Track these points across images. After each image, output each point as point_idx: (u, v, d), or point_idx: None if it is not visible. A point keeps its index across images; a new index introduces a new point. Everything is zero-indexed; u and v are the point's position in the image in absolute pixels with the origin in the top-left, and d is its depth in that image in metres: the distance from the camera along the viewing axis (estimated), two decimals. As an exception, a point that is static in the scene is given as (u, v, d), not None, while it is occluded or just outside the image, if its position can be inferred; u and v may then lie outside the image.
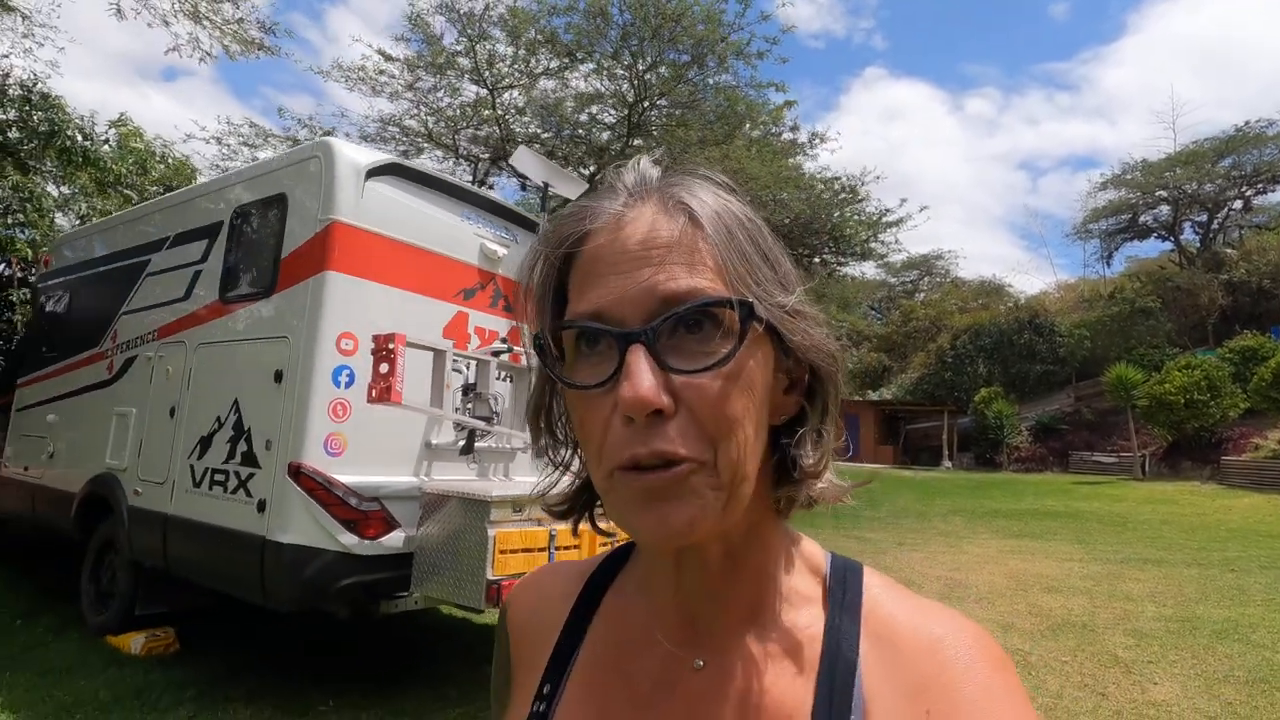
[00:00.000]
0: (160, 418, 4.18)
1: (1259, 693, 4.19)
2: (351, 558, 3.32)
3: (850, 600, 0.50)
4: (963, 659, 0.46)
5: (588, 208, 0.49)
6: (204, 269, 4.17)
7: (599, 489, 0.46)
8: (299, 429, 3.32)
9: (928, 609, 0.50)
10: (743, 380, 0.44)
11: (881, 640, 0.48)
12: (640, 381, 0.41)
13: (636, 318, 0.43)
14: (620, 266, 0.45)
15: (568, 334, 0.46)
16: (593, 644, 0.55)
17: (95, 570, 4.56)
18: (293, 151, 4.04)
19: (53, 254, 6.02)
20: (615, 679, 0.53)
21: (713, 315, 0.43)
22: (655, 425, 0.42)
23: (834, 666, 0.47)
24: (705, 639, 0.50)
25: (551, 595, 0.59)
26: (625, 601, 0.56)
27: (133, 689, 3.59)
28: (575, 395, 0.46)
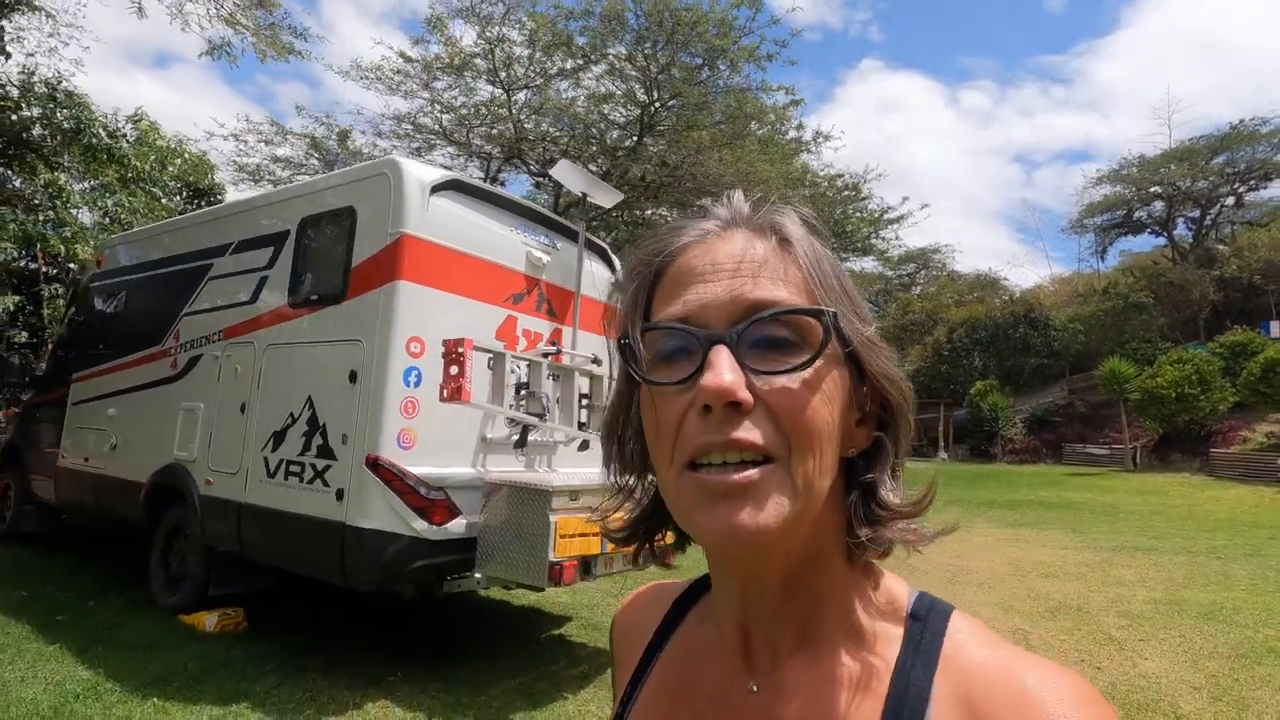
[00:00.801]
0: (230, 413, 4.49)
1: (1240, 667, 4.58)
2: (423, 542, 3.66)
3: (928, 643, 0.47)
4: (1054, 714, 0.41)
5: (682, 225, 0.51)
6: (270, 275, 4.47)
7: (667, 491, 0.47)
8: (375, 425, 3.65)
9: (1019, 659, 0.45)
10: (822, 391, 0.44)
11: (959, 690, 0.44)
12: (721, 371, 0.42)
13: (722, 322, 0.44)
14: (709, 276, 0.46)
15: (650, 340, 0.47)
16: (666, 659, 0.58)
17: (164, 555, 4.88)
18: (361, 168, 4.34)
19: (105, 254, 6.30)
20: (679, 694, 0.55)
21: (797, 326, 0.45)
22: (732, 418, 0.42)
23: (898, 712, 0.44)
24: (760, 664, 0.51)
25: (646, 612, 0.63)
26: (700, 622, 0.58)
27: (218, 662, 3.93)
28: (653, 395, 0.46)
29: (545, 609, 5.50)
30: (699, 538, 0.45)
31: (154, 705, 3.38)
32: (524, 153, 12.81)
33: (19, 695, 3.41)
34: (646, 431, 0.49)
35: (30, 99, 10.39)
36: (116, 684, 3.58)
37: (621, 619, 0.66)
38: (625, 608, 0.67)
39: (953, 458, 27.08)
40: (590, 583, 4.71)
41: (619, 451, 0.54)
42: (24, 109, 10.60)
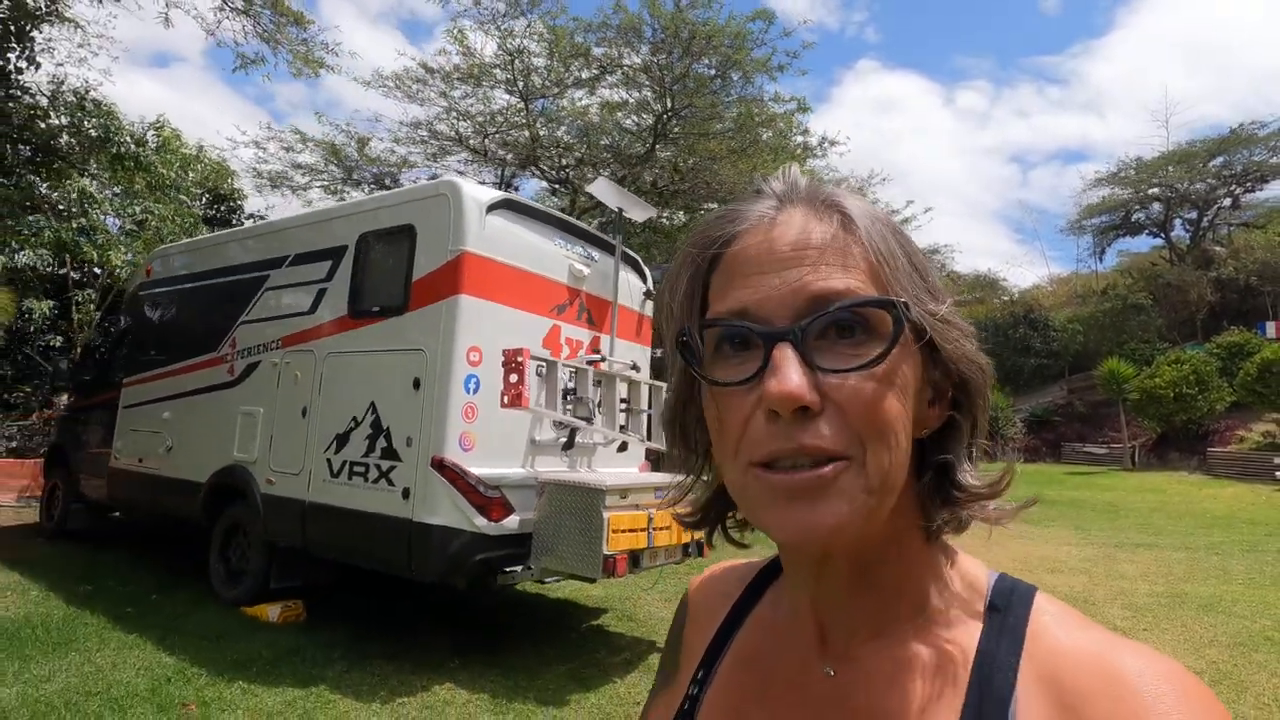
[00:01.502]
0: (291, 417, 4.77)
1: (1239, 654, 4.88)
2: (483, 536, 3.94)
3: (1013, 625, 0.46)
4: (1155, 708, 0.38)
5: (736, 210, 0.48)
6: (329, 287, 4.75)
7: (733, 487, 0.45)
8: (439, 428, 3.93)
9: (1112, 642, 0.43)
10: (896, 383, 0.43)
11: (1047, 674, 0.43)
12: (788, 375, 0.40)
13: (784, 317, 0.42)
14: (769, 266, 0.44)
15: (709, 334, 0.45)
16: (741, 641, 0.57)
17: (223, 550, 5.16)
18: (420, 188, 4.62)
19: (154, 264, 6.57)
20: (753, 676, 0.54)
21: (864, 318, 0.42)
22: (800, 422, 0.41)
23: (983, 697, 0.43)
24: (836, 648, 0.50)
25: (721, 590, 0.62)
26: (775, 605, 0.58)
27: (287, 650, 4.21)
28: (715, 394, 0.45)
29: (581, 602, 5.79)
30: (770, 534, 0.43)
31: (240, 688, 3.66)
32: (539, 159, 13.11)
33: (115, 679, 3.69)
34: (710, 427, 0.47)
35: (59, 108, 10.63)
36: (200, 669, 3.87)
37: (696, 594, 0.65)
38: (701, 584, 0.66)
39: (953, 457, 27.38)
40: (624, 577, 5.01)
41: (683, 438, 0.53)
42: (52, 117, 10.84)
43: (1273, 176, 28.88)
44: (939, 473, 0.48)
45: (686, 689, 0.57)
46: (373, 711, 3.49)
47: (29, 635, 4.23)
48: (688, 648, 0.62)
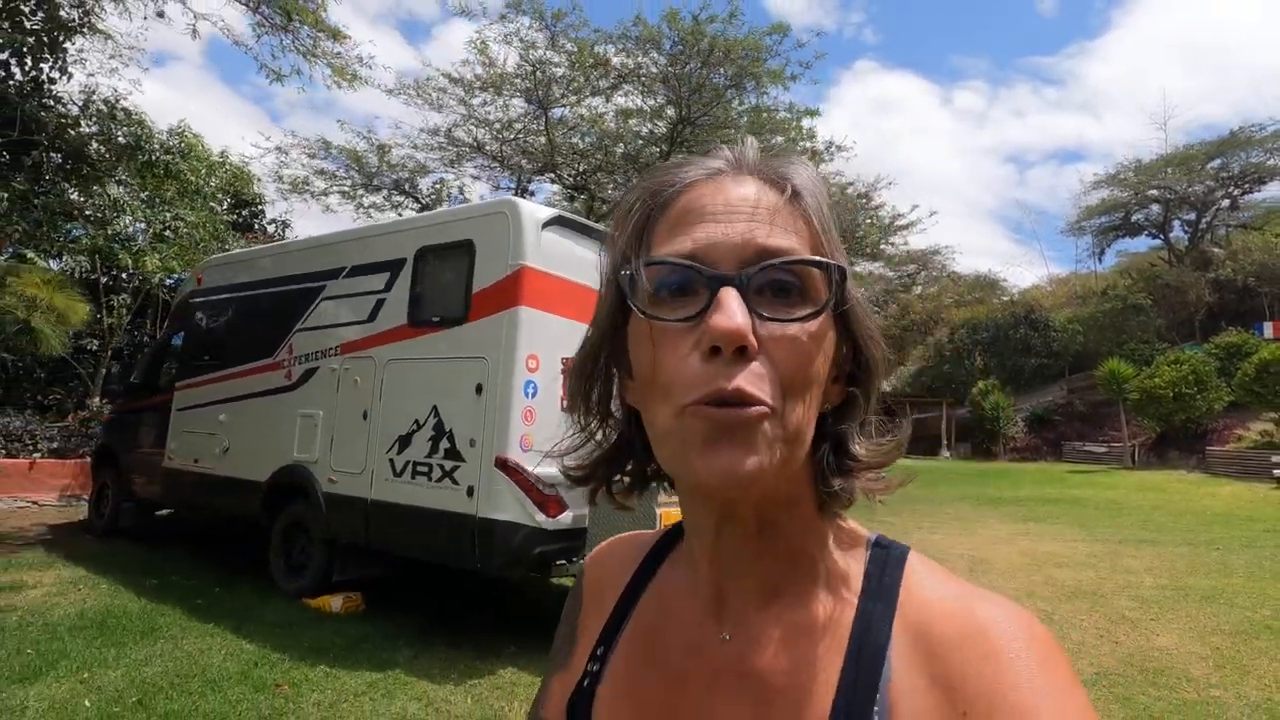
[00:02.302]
0: (352, 420, 5.06)
1: (1241, 641, 5.20)
2: (542, 531, 4.25)
3: (887, 583, 0.49)
4: (1008, 650, 0.42)
5: (691, 160, 0.50)
6: (387, 297, 5.04)
7: (659, 433, 0.46)
8: (502, 430, 4.23)
9: (971, 594, 0.47)
10: (821, 343, 0.45)
11: (916, 627, 0.46)
12: (734, 312, 0.41)
13: (731, 264, 0.44)
14: (720, 216, 0.45)
15: (651, 274, 0.45)
16: (641, 612, 0.58)
17: (284, 546, 5.45)
18: (478, 206, 4.92)
19: (205, 273, 6.86)
20: (653, 646, 0.55)
21: (801, 279, 0.45)
22: (738, 363, 0.42)
23: (860, 652, 0.46)
24: (733, 612, 0.51)
25: (617, 565, 0.62)
26: (673, 573, 0.58)
27: (356, 637, 4.52)
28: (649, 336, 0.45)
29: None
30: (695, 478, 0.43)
31: (322, 671, 3.96)
32: (558, 165, 13.41)
33: (205, 663, 3.99)
34: (638, 369, 0.48)
35: (89, 117, 10.90)
36: (281, 655, 4.16)
37: (592, 569, 0.65)
38: (596, 557, 0.66)
39: (955, 456, 27.77)
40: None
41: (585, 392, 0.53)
42: (82, 126, 11.11)
43: (1270, 178, 29.26)
44: (836, 444, 0.50)
45: (585, 667, 0.57)
46: (448, 691, 3.79)
47: (116, 625, 4.53)
48: (585, 625, 0.62)
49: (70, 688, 3.57)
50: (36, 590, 5.26)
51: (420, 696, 3.70)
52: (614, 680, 0.55)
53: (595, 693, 0.55)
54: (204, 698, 3.54)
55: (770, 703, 0.47)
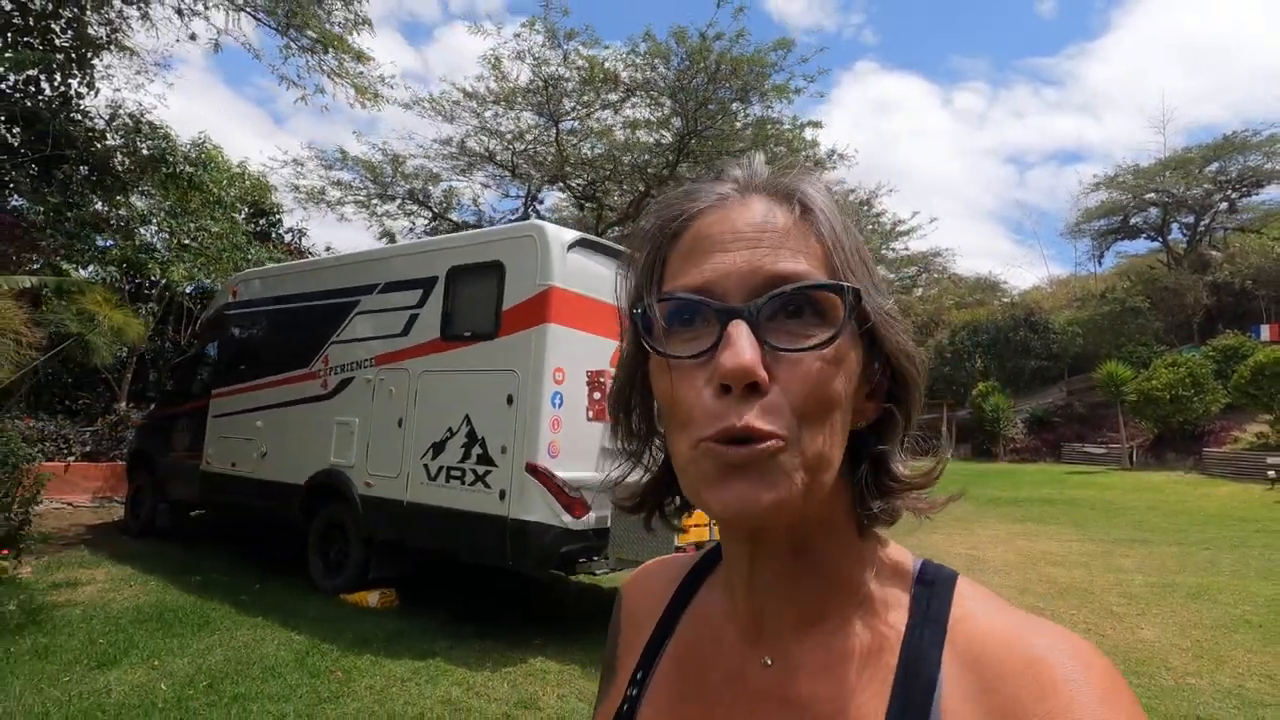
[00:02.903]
0: (387, 427, 5.41)
1: (1221, 634, 5.53)
2: (568, 531, 4.60)
3: (935, 610, 0.47)
4: (1066, 682, 0.41)
5: (697, 188, 0.50)
6: (420, 313, 5.40)
7: (680, 464, 0.46)
8: (532, 438, 4.58)
9: (1027, 623, 0.45)
10: (840, 367, 0.44)
11: (968, 656, 0.44)
12: (742, 350, 0.41)
13: (740, 294, 0.44)
14: (729, 245, 0.45)
15: (663, 309, 0.46)
16: (680, 636, 0.57)
17: (322, 545, 5.81)
18: (507, 229, 5.29)
19: (239, 286, 7.22)
20: (691, 670, 0.54)
21: (815, 301, 0.44)
22: (749, 399, 0.42)
23: (910, 681, 0.45)
24: (772, 637, 0.51)
25: (654, 589, 0.62)
26: (711, 597, 0.58)
27: (396, 630, 4.87)
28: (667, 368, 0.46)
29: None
30: (710, 511, 0.44)
31: (369, 659, 4.32)
32: (567, 175, 13.78)
33: (261, 652, 4.34)
34: (659, 401, 0.49)
35: (115, 130, 11.27)
36: (329, 645, 4.52)
37: (630, 594, 0.65)
38: (634, 581, 0.66)
39: (956, 457, 28.08)
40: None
41: (625, 420, 0.54)
42: (108, 139, 11.48)
43: (1268, 181, 29.54)
44: (874, 464, 0.49)
45: (625, 691, 0.57)
46: (486, 677, 4.14)
47: (172, 618, 4.88)
48: (625, 648, 0.61)
49: (144, 674, 3.92)
50: (91, 587, 5.61)
51: (460, 682, 4.05)
52: (653, 704, 0.55)
53: (636, 716, 0.55)
54: (265, 682, 3.89)
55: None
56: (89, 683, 3.76)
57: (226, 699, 3.65)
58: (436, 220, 15.16)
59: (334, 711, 3.59)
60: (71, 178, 10.07)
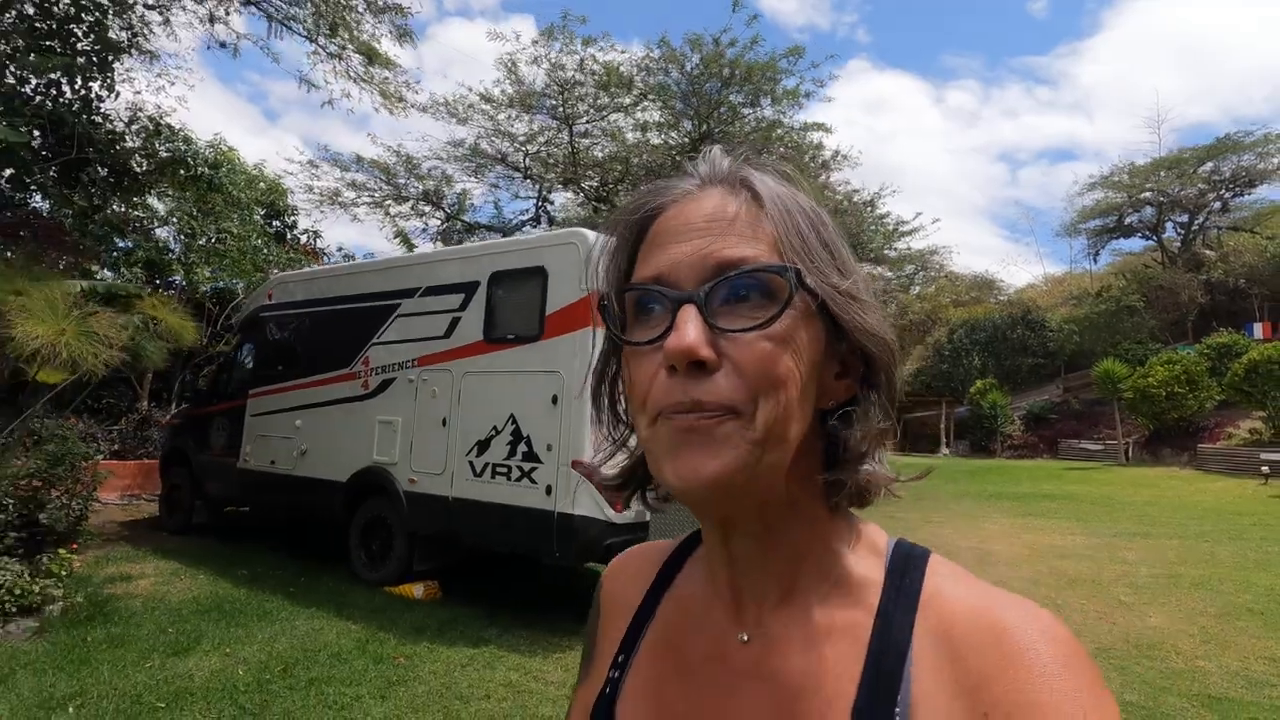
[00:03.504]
0: (431, 425, 5.63)
1: (1225, 621, 5.82)
2: (612, 524, 4.83)
3: (908, 586, 0.49)
4: (1029, 652, 0.42)
5: (661, 186, 0.53)
6: (463, 316, 5.62)
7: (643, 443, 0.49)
8: (578, 436, 4.81)
9: (993, 596, 0.47)
10: (790, 345, 0.46)
11: (938, 629, 0.46)
12: (685, 332, 0.43)
13: (691, 281, 0.46)
14: (683, 236, 0.48)
15: (629, 300, 0.49)
16: (660, 619, 0.59)
17: (364, 539, 6.03)
18: (549, 236, 5.50)
19: (274, 289, 7.42)
20: (672, 651, 0.56)
21: (763, 284, 0.46)
22: (696, 376, 0.44)
23: (882, 653, 0.46)
24: (749, 615, 0.52)
25: (634, 574, 0.64)
26: (691, 579, 0.60)
27: (446, 620, 5.10)
28: (630, 353, 0.49)
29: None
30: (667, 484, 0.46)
31: (425, 646, 4.55)
32: (580, 176, 14.00)
33: (323, 640, 4.56)
34: (626, 388, 0.52)
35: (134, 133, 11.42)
36: (386, 633, 4.74)
37: (609, 581, 0.67)
38: (614, 569, 0.67)
39: (954, 453, 28.45)
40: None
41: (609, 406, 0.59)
42: (127, 141, 11.63)
43: (1260, 180, 30.00)
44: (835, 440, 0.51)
45: (607, 675, 0.58)
46: (539, 663, 4.37)
47: (232, 609, 5.10)
48: (605, 635, 0.63)
49: (220, 660, 4.14)
50: (144, 580, 5.82)
51: (517, 667, 4.28)
52: (635, 685, 0.56)
53: (617, 699, 0.56)
54: (334, 668, 4.12)
55: (791, 704, 0.48)
56: (170, 668, 3.98)
57: (302, 683, 3.87)
58: (450, 221, 15.40)
59: (405, 694, 3.81)
60: (95, 180, 10.22)
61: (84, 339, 3.79)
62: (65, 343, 3.68)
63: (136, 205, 11.73)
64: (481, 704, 3.74)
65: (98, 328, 3.96)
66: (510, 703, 3.77)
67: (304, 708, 3.56)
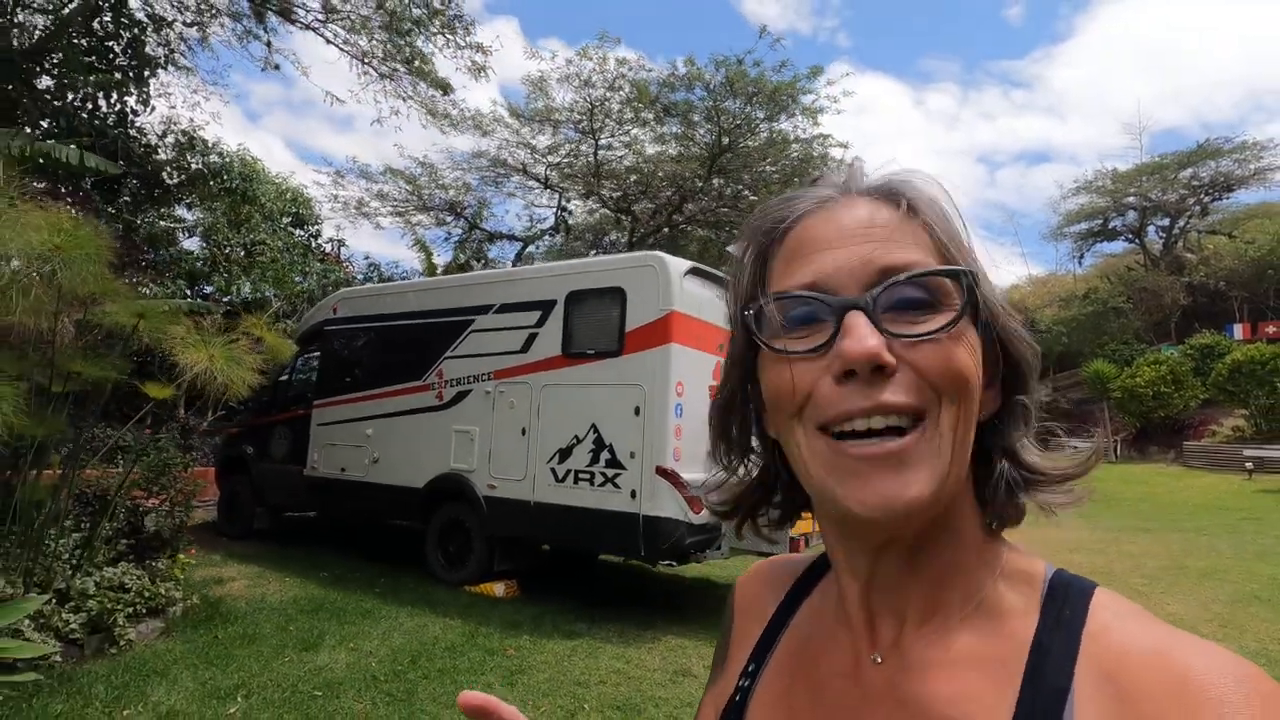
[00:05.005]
0: (509, 435, 6.02)
1: (1237, 608, 6.36)
2: (693, 525, 5.26)
3: (1070, 619, 0.45)
4: (1218, 702, 0.37)
5: (798, 194, 0.50)
6: (540, 332, 6.01)
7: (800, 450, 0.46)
8: (660, 444, 5.23)
9: (1175, 637, 0.42)
10: (968, 347, 0.44)
11: (1106, 669, 0.41)
12: (864, 335, 0.41)
13: (854, 288, 0.44)
14: (837, 243, 0.46)
15: (777, 308, 0.46)
16: (792, 632, 0.58)
17: (442, 542, 6.40)
18: (626, 258, 5.91)
19: (339, 304, 7.75)
20: (804, 665, 0.55)
21: (932, 289, 0.44)
22: (876, 382, 0.41)
23: (1038, 691, 0.42)
24: (884, 636, 0.50)
25: (769, 585, 0.63)
26: (826, 595, 0.58)
27: (534, 616, 5.49)
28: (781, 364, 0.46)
29: (714, 579, 7.14)
30: (843, 509, 0.43)
31: (526, 639, 4.94)
32: (601, 187, 14.42)
33: (430, 635, 4.94)
34: (768, 398, 0.48)
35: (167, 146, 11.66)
36: (487, 629, 5.13)
37: (743, 591, 0.65)
38: (749, 578, 0.66)
39: (948, 452, 29.20)
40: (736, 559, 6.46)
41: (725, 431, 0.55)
42: (160, 154, 11.86)
43: (1238, 185, 31.10)
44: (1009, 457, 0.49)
45: (737, 681, 0.58)
46: (636, 652, 4.78)
47: (334, 609, 5.45)
48: (737, 641, 0.62)
49: (348, 654, 4.51)
50: (236, 583, 6.14)
51: (617, 657, 4.69)
52: (766, 695, 0.55)
53: (747, 706, 0.55)
54: (454, 659, 4.50)
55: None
56: (307, 662, 4.34)
57: (433, 672, 4.25)
58: (472, 230, 15.75)
59: (528, 680, 4.21)
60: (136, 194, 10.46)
61: (230, 363, 4.13)
62: (219, 368, 4.02)
63: (165, 216, 11.97)
64: (600, 688, 4.15)
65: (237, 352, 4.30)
66: (626, 687, 4.18)
67: (447, 693, 3.94)
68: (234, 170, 11.31)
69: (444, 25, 8.03)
